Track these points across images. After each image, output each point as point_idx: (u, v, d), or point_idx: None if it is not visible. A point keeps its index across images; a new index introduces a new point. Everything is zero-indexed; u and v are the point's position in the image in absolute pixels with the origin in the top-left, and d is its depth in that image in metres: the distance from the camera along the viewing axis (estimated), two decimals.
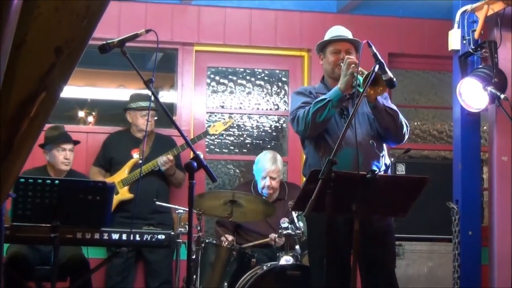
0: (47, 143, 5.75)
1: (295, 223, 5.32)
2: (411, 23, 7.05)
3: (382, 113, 4.27)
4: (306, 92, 4.55)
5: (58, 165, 5.75)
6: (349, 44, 4.48)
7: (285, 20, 6.90)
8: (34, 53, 1.82)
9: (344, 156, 4.09)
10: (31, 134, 1.89)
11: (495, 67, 5.29)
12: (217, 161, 7.12)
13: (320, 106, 4.23)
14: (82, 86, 8.74)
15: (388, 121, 4.30)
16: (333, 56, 4.46)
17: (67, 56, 1.85)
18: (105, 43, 3.63)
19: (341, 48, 4.44)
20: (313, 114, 4.24)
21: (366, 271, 4.23)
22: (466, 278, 5.57)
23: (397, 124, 4.32)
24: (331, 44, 4.49)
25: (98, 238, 4.47)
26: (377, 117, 4.30)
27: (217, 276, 5.47)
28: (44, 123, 2.00)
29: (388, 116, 4.29)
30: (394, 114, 4.32)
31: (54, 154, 5.77)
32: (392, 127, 4.33)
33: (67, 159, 5.76)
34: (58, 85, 1.90)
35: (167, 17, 6.67)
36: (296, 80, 7.04)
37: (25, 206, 4.29)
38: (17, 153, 1.86)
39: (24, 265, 5.30)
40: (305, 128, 4.31)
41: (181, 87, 6.77)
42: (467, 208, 5.63)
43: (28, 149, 1.97)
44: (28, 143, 1.92)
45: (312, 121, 4.25)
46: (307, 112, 4.28)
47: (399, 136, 4.40)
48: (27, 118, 1.83)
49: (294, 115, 4.40)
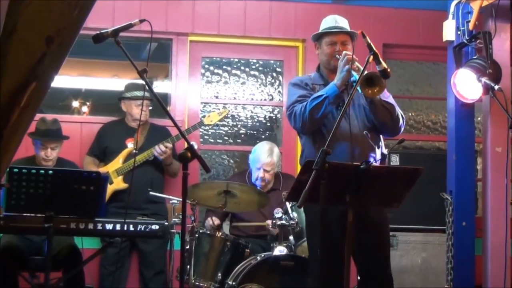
0: (33, 135, 5.73)
1: (289, 214, 5.33)
2: (406, 14, 7.04)
3: (378, 108, 4.27)
4: (302, 84, 4.52)
5: (39, 160, 5.74)
6: (345, 35, 4.45)
7: (280, 10, 6.88)
8: (25, 42, 1.80)
9: (339, 147, 4.10)
10: (21, 124, 1.88)
11: (490, 58, 5.29)
12: (211, 152, 7.12)
13: (317, 103, 4.23)
14: (76, 76, 8.73)
15: (384, 115, 4.30)
16: (329, 48, 4.44)
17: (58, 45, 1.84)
18: (99, 33, 3.61)
19: (337, 40, 4.42)
20: (310, 112, 4.24)
21: (360, 261, 4.25)
22: (460, 268, 5.59)
23: (393, 118, 4.32)
24: (327, 35, 4.47)
25: (92, 228, 4.46)
26: (373, 111, 4.30)
27: (211, 266, 5.48)
28: (35, 112, 1.98)
29: (384, 110, 4.29)
30: (391, 108, 4.31)
31: (37, 149, 5.77)
32: (388, 121, 4.33)
33: (47, 157, 5.73)
34: (49, 74, 1.89)
35: (162, 7, 6.65)
36: (290, 70, 7.02)
37: (19, 197, 4.28)
38: (7, 143, 1.85)
39: (17, 256, 5.29)
40: (303, 125, 4.31)
41: (175, 77, 6.75)
42: (461, 199, 5.64)
43: (19, 139, 1.96)
44: (18, 133, 1.91)
45: (310, 118, 4.25)
46: (304, 109, 4.27)
47: (395, 129, 4.40)
48: (17, 108, 1.82)
49: (291, 110, 4.40)
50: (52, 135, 5.77)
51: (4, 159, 1.91)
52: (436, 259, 6.24)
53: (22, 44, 1.81)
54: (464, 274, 5.59)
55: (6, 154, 1.89)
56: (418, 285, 6.25)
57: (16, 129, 1.88)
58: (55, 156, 5.77)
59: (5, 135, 1.83)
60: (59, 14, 1.82)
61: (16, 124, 1.86)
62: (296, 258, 5.25)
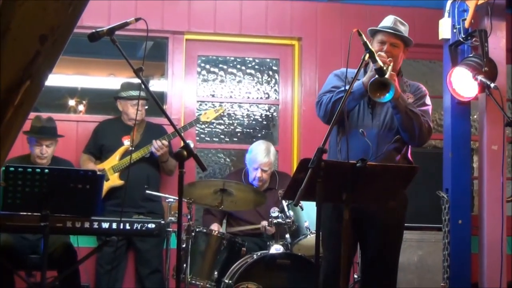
0: (28, 133, 5.73)
1: (285, 212, 5.33)
2: (401, 12, 6.98)
3: (402, 114, 4.20)
4: (342, 76, 4.43)
5: (34, 158, 5.74)
6: (397, 39, 4.39)
7: (276, 8, 6.88)
8: (19, 41, 1.80)
9: (356, 143, 4.11)
10: (16, 123, 1.87)
11: (486, 56, 5.30)
12: (208, 150, 7.11)
13: (341, 97, 4.22)
14: (72, 74, 8.72)
15: (406, 123, 4.22)
16: (378, 45, 4.39)
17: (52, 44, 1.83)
18: (95, 31, 3.60)
19: (387, 40, 4.39)
20: (333, 103, 4.24)
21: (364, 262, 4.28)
22: (456, 266, 5.59)
23: (414, 128, 4.23)
24: (380, 32, 4.44)
25: (88, 227, 4.46)
26: (396, 117, 4.25)
27: (207, 264, 5.48)
28: (29, 111, 1.98)
29: (407, 119, 4.21)
30: (414, 117, 4.22)
31: (32, 147, 5.76)
32: (409, 130, 4.25)
33: (42, 154, 5.73)
34: (43, 73, 1.88)
35: (158, 5, 6.64)
36: (286, 69, 7.02)
37: (15, 195, 4.28)
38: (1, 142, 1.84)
39: (13, 254, 5.29)
40: (325, 114, 4.32)
41: (171, 75, 6.75)
42: (457, 197, 5.65)
43: (13, 138, 1.95)
44: (13, 132, 1.90)
45: (331, 109, 4.25)
46: (329, 100, 4.29)
47: (415, 139, 4.30)
48: (11, 107, 1.81)
49: (319, 98, 4.42)
50: (47, 132, 5.77)
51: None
52: (432, 257, 6.24)
53: (16, 43, 1.80)
54: (460, 272, 5.59)
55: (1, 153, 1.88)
56: (415, 283, 6.26)
57: (10, 127, 1.87)
58: (50, 154, 5.77)
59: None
60: (53, 12, 1.82)
61: (10, 123, 1.85)
62: (292, 256, 5.25)
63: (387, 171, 3.94)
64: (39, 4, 1.79)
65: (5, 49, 1.77)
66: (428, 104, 4.46)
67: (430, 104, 4.49)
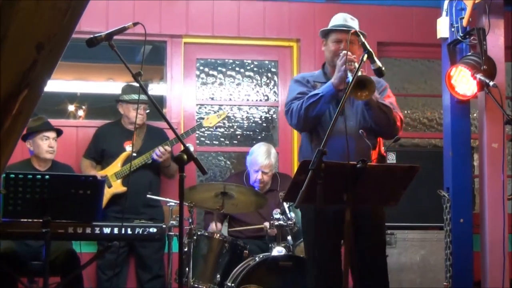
0: (30, 132, 5.73)
1: (286, 214, 5.33)
2: (399, 11, 7.04)
3: (374, 109, 4.26)
4: (304, 81, 4.53)
5: (42, 153, 5.74)
6: (352, 35, 4.42)
7: (274, 10, 6.88)
8: (16, 49, 1.79)
9: (333, 145, 4.09)
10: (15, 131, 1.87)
11: (484, 54, 5.29)
12: (208, 153, 7.11)
13: (313, 102, 4.25)
14: (71, 80, 8.71)
15: (380, 117, 4.29)
16: (334, 45, 4.44)
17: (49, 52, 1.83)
18: (93, 37, 3.60)
19: (342, 38, 4.41)
20: (306, 109, 4.25)
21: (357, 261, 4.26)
22: (458, 265, 5.59)
23: (389, 121, 4.31)
24: (334, 32, 4.47)
25: (90, 233, 4.45)
26: (369, 113, 4.29)
27: (209, 268, 5.47)
28: (28, 119, 1.97)
29: (380, 113, 4.28)
30: (387, 111, 4.30)
31: (38, 143, 5.76)
32: (383, 124, 4.32)
33: (51, 147, 5.75)
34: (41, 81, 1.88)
35: (156, 9, 6.64)
36: (285, 70, 7.02)
37: (16, 202, 4.26)
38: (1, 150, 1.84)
39: (16, 261, 5.28)
40: (298, 122, 4.33)
41: (170, 79, 6.75)
42: (458, 195, 5.65)
43: (12, 146, 1.95)
44: (12, 140, 1.90)
45: (305, 116, 4.27)
46: (300, 106, 4.29)
47: (390, 132, 4.39)
48: (10, 115, 1.81)
49: (288, 107, 4.42)
50: (50, 126, 5.82)
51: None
52: (434, 256, 6.24)
53: (13, 51, 1.80)
54: (462, 270, 5.59)
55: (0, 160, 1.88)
56: (417, 282, 6.25)
57: (9, 136, 1.87)
58: (56, 148, 5.79)
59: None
60: (49, 20, 1.82)
61: (9, 131, 1.85)
62: (294, 258, 5.25)
63: (388, 171, 3.94)
64: (35, 12, 1.79)
65: (2, 58, 1.77)
66: (391, 96, 4.52)
67: (393, 95, 4.55)
